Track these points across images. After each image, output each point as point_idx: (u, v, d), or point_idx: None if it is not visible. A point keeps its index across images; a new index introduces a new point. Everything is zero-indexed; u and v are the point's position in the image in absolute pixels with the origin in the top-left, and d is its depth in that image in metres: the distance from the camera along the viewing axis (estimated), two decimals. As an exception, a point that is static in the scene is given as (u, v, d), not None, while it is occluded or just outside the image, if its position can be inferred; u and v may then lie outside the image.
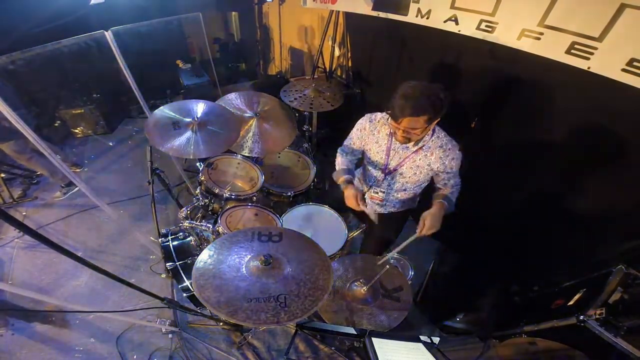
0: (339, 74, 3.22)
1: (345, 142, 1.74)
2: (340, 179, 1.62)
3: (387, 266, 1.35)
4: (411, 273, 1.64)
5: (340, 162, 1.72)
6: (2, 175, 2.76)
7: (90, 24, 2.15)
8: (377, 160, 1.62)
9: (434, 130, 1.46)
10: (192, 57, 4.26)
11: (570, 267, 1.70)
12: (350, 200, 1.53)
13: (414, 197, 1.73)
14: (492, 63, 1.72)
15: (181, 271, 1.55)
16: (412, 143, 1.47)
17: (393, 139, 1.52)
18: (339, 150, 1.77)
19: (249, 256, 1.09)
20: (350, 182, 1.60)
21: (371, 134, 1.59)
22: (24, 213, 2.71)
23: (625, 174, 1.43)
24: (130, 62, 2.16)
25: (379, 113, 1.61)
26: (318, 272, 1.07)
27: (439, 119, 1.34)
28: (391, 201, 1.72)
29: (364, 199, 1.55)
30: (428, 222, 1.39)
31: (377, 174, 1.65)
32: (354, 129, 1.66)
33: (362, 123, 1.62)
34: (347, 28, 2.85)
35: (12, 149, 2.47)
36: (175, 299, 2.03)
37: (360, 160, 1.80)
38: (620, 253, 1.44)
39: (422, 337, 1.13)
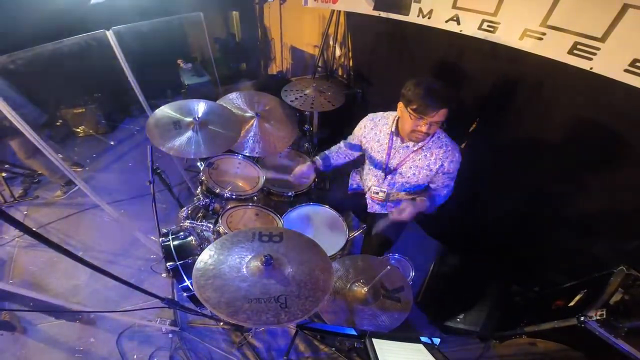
0: (340, 73, 3.22)
1: (348, 139, 1.81)
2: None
3: (388, 266, 1.35)
4: (412, 273, 1.63)
5: (331, 148, 1.88)
6: (3, 174, 2.76)
7: (91, 23, 2.15)
8: (377, 159, 1.64)
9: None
10: (193, 56, 4.26)
11: (571, 267, 1.70)
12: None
13: (414, 198, 1.72)
14: (493, 63, 1.71)
15: (182, 271, 1.55)
16: (412, 143, 1.50)
17: (394, 138, 1.54)
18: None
19: (250, 256, 1.09)
20: (314, 162, 1.82)
21: (372, 131, 1.63)
22: (25, 212, 2.72)
23: (626, 175, 1.43)
24: (131, 62, 2.16)
25: (379, 112, 1.64)
26: (319, 273, 1.06)
27: None
28: (391, 201, 1.72)
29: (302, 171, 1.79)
30: (406, 210, 1.49)
31: (378, 173, 1.67)
32: (357, 127, 1.72)
33: (364, 121, 1.68)
34: (348, 28, 2.84)
35: (19, 147, 2.47)
36: (176, 299, 2.03)
37: (362, 160, 1.82)
38: (621, 254, 1.44)
39: (422, 338, 1.13)
